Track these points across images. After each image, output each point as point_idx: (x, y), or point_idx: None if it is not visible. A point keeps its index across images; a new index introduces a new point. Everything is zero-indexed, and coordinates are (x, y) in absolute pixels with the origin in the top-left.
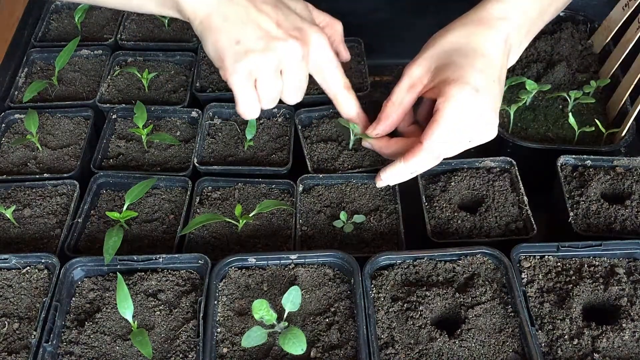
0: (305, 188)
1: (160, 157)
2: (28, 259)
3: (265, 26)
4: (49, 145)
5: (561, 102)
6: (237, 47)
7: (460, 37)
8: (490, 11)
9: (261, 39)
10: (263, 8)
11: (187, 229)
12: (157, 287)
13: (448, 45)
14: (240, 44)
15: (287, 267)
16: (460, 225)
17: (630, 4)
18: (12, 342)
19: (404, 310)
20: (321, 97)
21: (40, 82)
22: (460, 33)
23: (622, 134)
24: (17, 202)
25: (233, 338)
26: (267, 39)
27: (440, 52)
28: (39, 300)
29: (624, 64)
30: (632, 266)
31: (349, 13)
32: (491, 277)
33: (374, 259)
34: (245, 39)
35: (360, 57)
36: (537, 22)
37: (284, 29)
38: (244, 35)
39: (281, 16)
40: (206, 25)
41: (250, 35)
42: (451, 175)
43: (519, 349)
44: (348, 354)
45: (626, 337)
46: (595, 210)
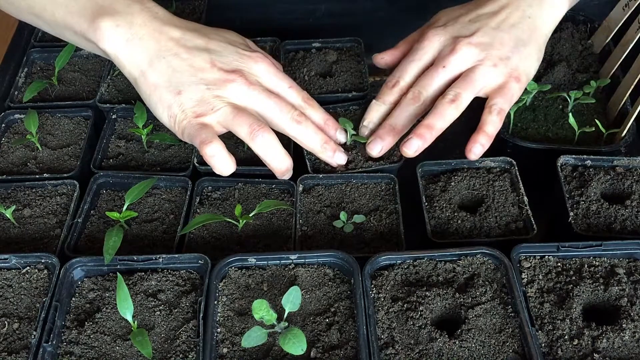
0: (305, 188)
1: (160, 157)
2: (28, 259)
3: (201, 69)
4: (49, 145)
5: (561, 102)
6: (182, 98)
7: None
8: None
9: (200, 84)
10: (193, 52)
11: (187, 229)
12: (157, 287)
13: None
14: (181, 94)
15: (287, 267)
16: (460, 225)
17: (630, 4)
18: (12, 342)
19: (404, 311)
20: (321, 97)
21: (40, 82)
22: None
23: (622, 134)
24: (17, 202)
25: (233, 338)
26: (208, 84)
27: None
28: (39, 300)
29: (624, 64)
30: (632, 266)
31: (348, 13)
32: (491, 277)
33: (374, 259)
34: (186, 87)
35: (360, 57)
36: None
37: (219, 69)
38: (183, 82)
39: (215, 56)
40: (141, 83)
41: (188, 81)
42: (451, 175)
43: (519, 349)
44: (348, 354)
45: (626, 338)
46: (596, 210)
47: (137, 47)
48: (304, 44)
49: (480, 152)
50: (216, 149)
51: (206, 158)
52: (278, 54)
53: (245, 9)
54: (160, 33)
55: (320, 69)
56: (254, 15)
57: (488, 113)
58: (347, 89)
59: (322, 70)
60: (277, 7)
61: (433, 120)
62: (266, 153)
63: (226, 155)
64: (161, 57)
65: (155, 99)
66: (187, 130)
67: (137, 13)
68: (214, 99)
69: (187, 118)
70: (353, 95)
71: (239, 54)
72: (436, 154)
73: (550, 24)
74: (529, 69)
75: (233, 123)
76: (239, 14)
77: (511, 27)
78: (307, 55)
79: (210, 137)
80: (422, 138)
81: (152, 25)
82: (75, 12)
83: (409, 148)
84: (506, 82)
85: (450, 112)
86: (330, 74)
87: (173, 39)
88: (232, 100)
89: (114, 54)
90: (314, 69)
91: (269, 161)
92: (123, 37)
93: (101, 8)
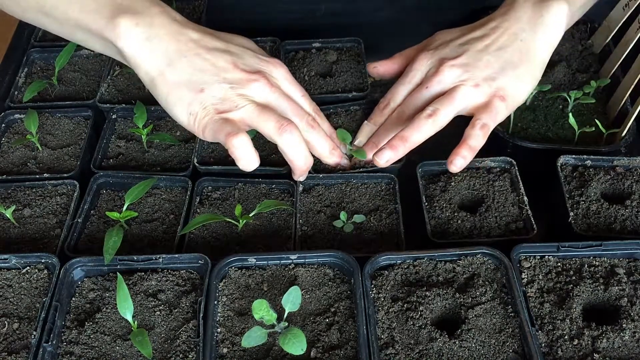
0: (305, 188)
1: (160, 157)
2: (28, 259)
3: (223, 68)
4: (49, 145)
5: (561, 102)
6: (204, 95)
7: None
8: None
9: (223, 82)
10: (214, 54)
11: (187, 229)
12: (157, 287)
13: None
14: (204, 91)
15: (287, 267)
16: (460, 225)
17: (630, 4)
18: (12, 342)
19: (404, 311)
20: (321, 97)
21: (40, 82)
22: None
23: (622, 134)
24: (17, 202)
25: (233, 338)
26: (231, 83)
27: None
28: (39, 300)
29: (624, 64)
30: (632, 266)
31: (349, 13)
32: (491, 277)
33: (374, 259)
34: (209, 85)
35: (360, 57)
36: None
37: (241, 70)
38: (205, 80)
39: (236, 58)
40: (159, 82)
41: (211, 80)
42: (451, 175)
43: (519, 349)
44: (348, 354)
45: (626, 338)
46: (595, 210)
47: (157, 46)
48: (304, 44)
49: (462, 164)
50: (244, 141)
51: (232, 150)
52: (278, 54)
53: (245, 9)
54: (180, 34)
55: (320, 69)
56: (254, 15)
57: (471, 127)
58: (347, 89)
59: (322, 70)
60: (277, 7)
61: (407, 133)
62: (292, 149)
63: (252, 149)
64: (182, 57)
65: (174, 98)
66: (209, 126)
67: (157, 15)
68: (237, 97)
69: (209, 114)
70: (353, 96)
71: (258, 58)
72: (436, 154)
73: (546, 46)
74: (518, 90)
75: (259, 119)
76: (239, 14)
77: (499, 50)
78: (307, 55)
79: (236, 129)
80: (394, 149)
81: (172, 27)
82: (92, 10)
83: (381, 158)
84: (490, 101)
85: (427, 126)
86: (330, 74)
87: (193, 40)
88: (255, 99)
89: (131, 53)
90: (314, 69)
91: (294, 158)
92: (142, 36)
93: (120, 7)
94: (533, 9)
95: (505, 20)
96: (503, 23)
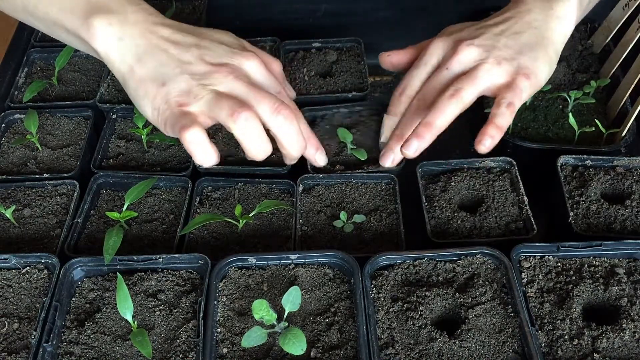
0: (305, 188)
1: (160, 157)
2: (28, 259)
3: (187, 62)
4: (48, 145)
5: (561, 102)
6: (166, 89)
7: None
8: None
9: (184, 74)
10: (181, 48)
11: (187, 229)
12: (157, 287)
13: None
14: (166, 85)
15: (287, 267)
16: (460, 225)
17: (630, 4)
18: (12, 342)
19: (404, 311)
20: (321, 96)
21: (40, 82)
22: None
23: (622, 134)
24: (17, 202)
25: (233, 338)
26: (193, 74)
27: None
28: (39, 300)
29: (624, 64)
30: (632, 266)
31: (349, 13)
32: (491, 277)
33: (374, 259)
34: (171, 79)
35: (360, 57)
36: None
37: (207, 63)
38: (168, 74)
39: (204, 51)
40: (129, 78)
41: (173, 73)
42: (451, 175)
43: (519, 349)
44: (348, 354)
45: (626, 338)
46: (595, 210)
47: (128, 45)
48: (304, 44)
49: (491, 145)
50: (196, 135)
51: (186, 145)
52: (278, 54)
53: (245, 9)
54: (150, 32)
55: (320, 69)
56: (254, 15)
57: (497, 107)
58: (347, 89)
59: (322, 70)
60: (277, 7)
61: (432, 118)
62: (246, 137)
63: (207, 144)
64: (149, 53)
65: (141, 93)
66: (169, 120)
67: (131, 13)
68: (197, 88)
69: (170, 108)
70: (353, 96)
71: (230, 51)
72: (436, 154)
73: (559, 36)
74: (539, 69)
75: (215, 106)
76: (239, 14)
77: (515, 34)
78: (307, 55)
79: (190, 122)
80: (420, 137)
81: (144, 24)
82: (68, 9)
83: (408, 149)
84: (513, 79)
85: (451, 107)
86: (330, 74)
87: (163, 37)
88: (218, 88)
89: (105, 52)
90: (314, 69)
91: (248, 147)
92: (115, 36)
93: (94, 6)
94: (543, 2)
95: (518, 12)
96: (516, 14)
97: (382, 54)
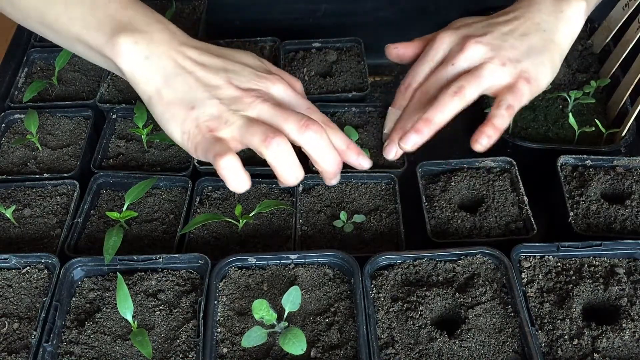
0: (305, 188)
1: (160, 157)
2: (28, 259)
3: (217, 86)
4: (49, 145)
5: (561, 102)
6: (196, 113)
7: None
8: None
9: (214, 99)
10: (209, 71)
11: (187, 229)
12: (157, 287)
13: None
14: (195, 109)
15: (287, 267)
16: (460, 225)
17: (630, 4)
18: (12, 342)
19: (404, 310)
20: (321, 97)
21: (40, 82)
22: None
23: (622, 134)
24: (17, 202)
25: (233, 338)
26: (222, 99)
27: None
28: (39, 300)
29: (624, 64)
30: (632, 266)
31: (349, 13)
32: (491, 277)
33: (374, 259)
34: (200, 103)
35: (360, 57)
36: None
37: (236, 87)
38: (197, 98)
39: (232, 75)
40: (156, 101)
41: (203, 97)
42: (451, 175)
43: (519, 349)
44: (348, 354)
45: (626, 337)
46: (595, 210)
47: (154, 65)
48: (304, 44)
49: (487, 144)
50: (231, 162)
51: (220, 171)
52: (278, 54)
53: (245, 9)
54: (177, 52)
55: (320, 69)
56: (254, 15)
57: (496, 107)
58: (347, 89)
59: (322, 70)
60: (277, 7)
61: (431, 114)
62: (279, 162)
63: (241, 170)
64: (177, 75)
65: (168, 116)
66: (200, 145)
67: (157, 32)
68: (227, 113)
69: (200, 133)
70: (353, 96)
71: (256, 74)
72: (436, 154)
73: (567, 38)
74: (541, 75)
75: (247, 133)
76: (239, 14)
77: (523, 36)
78: (307, 55)
79: (225, 149)
80: (419, 132)
81: (171, 44)
82: (92, 27)
83: (406, 143)
84: (515, 82)
85: (452, 104)
86: (330, 74)
87: (190, 58)
88: (248, 114)
89: (130, 71)
90: (314, 69)
91: (281, 172)
92: (141, 54)
93: (120, 24)
94: (553, 3)
95: (527, 12)
96: (525, 14)
97: (389, 45)
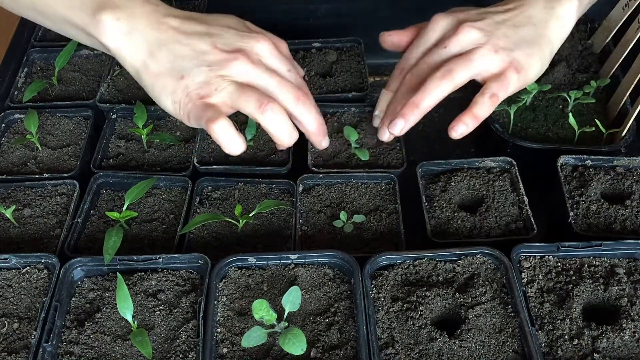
0: (305, 188)
1: (160, 157)
2: (28, 259)
3: (202, 52)
4: (48, 145)
5: (561, 102)
6: (185, 82)
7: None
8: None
9: (202, 66)
10: (194, 38)
11: (187, 229)
12: (157, 287)
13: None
14: (185, 78)
15: (287, 267)
16: (460, 225)
17: (630, 4)
18: (12, 342)
19: (404, 311)
20: (321, 97)
21: (40, 82)
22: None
23: (622, 134)
24: (17, 202)
25: (233, 338)
26: (210, 65)
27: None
28: (39, 300)
29: (624, 64)
30: (632, 266)
31: (349, 13)
32: (491, 277)
33: (374, 259)
34: (189, 71)
35: (360, 57)
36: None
37: (221, 50)
38: (185, 67)
39: (216, 39)
40: (143, 74)
41: (190, 65)
42: (451, 175)
43: (519, 349)
44: (348, 354)
45: (626, 337)
46: (595, 210)
47: (138, 39)
48: (304, 44)
49: (464, 131)
50: (224, 126)
51: (214, 136)
52: None
53: (245, 9)
54: (160, 24)
55: (320, 69)
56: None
57: (480, 95)
58: (347, 89)
59: (322, 70)
60: (277, 7)
61: (418, 98)
62: (276, 127)
63: (235, 132)
64: (162, 46)
65: (158, 88)
66: (192, 112)
67: (138, 7)
68: (217, 79)
69: (191, 101)
70: (353, 96)
71: (240, 35)
72: (436, 154)
73: (556, 36)
74: (531, 66)
75: (239, 99)
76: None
77: (516, 27)
78: (307, 55)
79: (216, 115)
80: (406, 117)
81: (152, 17)
82: (76, 6)
83: (394, 129)
84: (505, 70)
85: (440, 87)
86: (330, 74)
87: (173, 28)
88: (236, 78)
89: (115, 47)
90: (314, 69)
91: (278, 136)
92: (123, 30)
93: (101, 2)
94: (545, 1)
95: (520, 5)
96: (519, 7)
97: (383, 33)
